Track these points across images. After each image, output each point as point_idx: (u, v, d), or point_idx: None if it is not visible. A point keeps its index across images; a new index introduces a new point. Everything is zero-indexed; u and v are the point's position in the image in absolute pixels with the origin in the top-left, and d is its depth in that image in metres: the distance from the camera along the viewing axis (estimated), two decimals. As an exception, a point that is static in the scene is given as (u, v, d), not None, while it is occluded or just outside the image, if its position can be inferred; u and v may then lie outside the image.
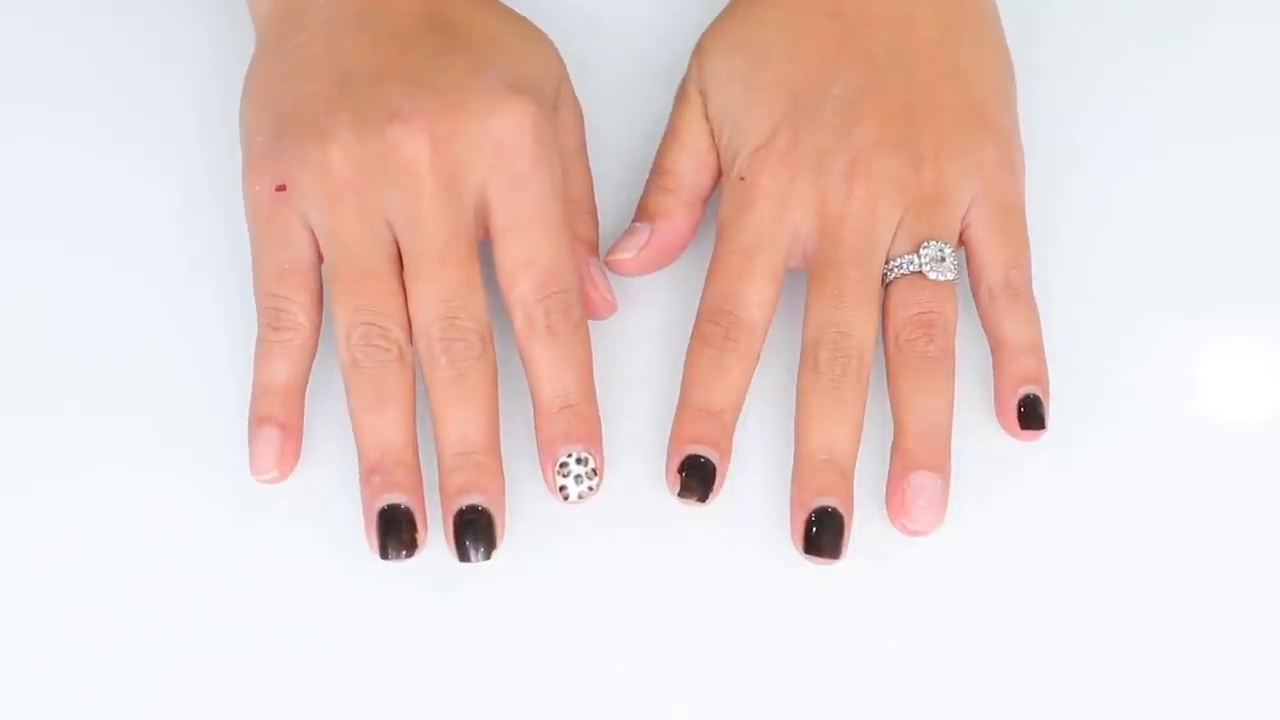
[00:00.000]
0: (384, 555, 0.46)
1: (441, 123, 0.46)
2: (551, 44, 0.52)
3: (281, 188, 0.47)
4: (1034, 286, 0.50)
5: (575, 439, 0.47)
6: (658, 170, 0.53)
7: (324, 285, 0.48)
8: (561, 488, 0.47)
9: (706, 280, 0.50)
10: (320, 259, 0.48)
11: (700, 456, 0.47)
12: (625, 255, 0.51)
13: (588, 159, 0.53)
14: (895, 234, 0.49)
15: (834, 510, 0.47)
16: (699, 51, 0.53)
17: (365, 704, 0.47)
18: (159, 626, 0.47)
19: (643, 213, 0.52)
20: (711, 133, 0.52)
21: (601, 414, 0.48)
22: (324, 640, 0.47)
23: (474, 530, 0.46)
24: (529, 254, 0.47)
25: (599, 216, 0.52)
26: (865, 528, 0.48)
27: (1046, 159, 0.53)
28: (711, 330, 0.49)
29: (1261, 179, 0.54)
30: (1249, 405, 0.51)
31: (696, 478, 0.47)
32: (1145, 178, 0.55)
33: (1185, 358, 0.52)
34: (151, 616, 0.47)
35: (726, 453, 0.48)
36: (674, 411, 0.49)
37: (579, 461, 0.47)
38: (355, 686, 0.47)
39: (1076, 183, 0.54)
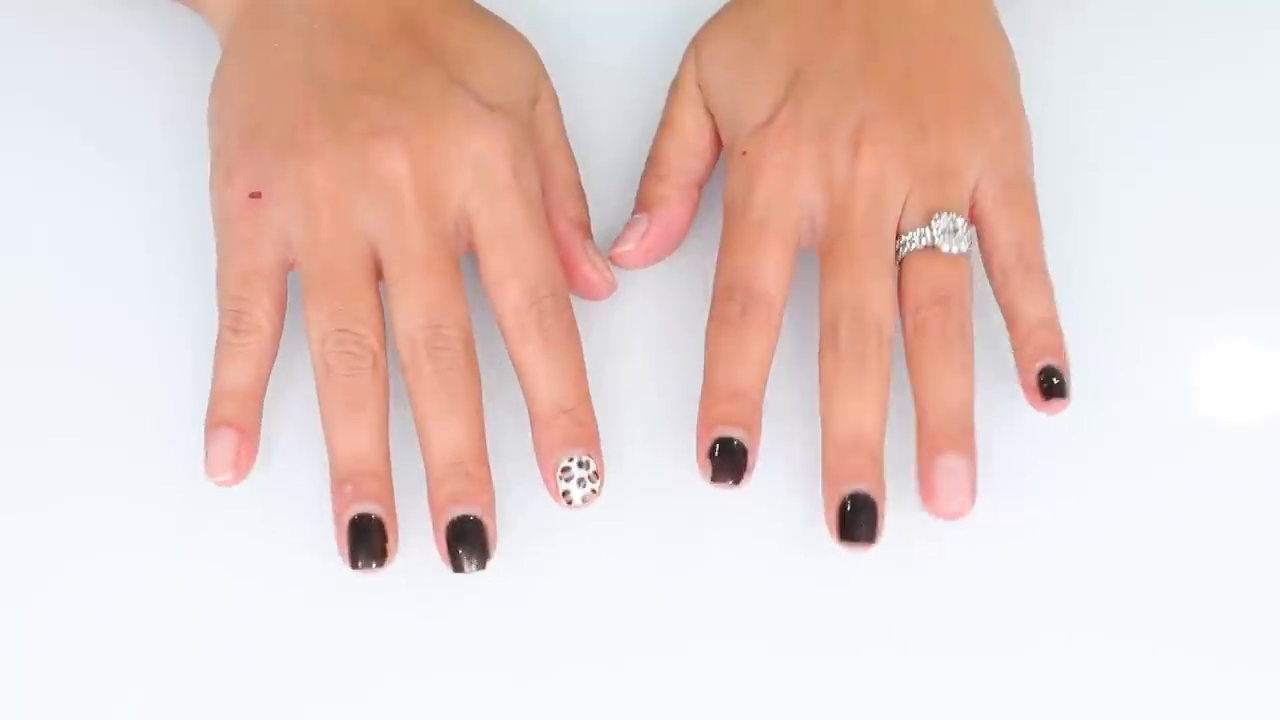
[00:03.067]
0: (354, 565, 0.46)
1: (419, 138, 0.47)
2: (526, 43, 0.52)
3: (256, 195, 0.47)
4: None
5: (575, 443, 0.47)
6: (650, 160, 0.53)
7: (302, 293, 0.47)
8: (565, 492, 0.47)
9: (719, 258, 0.49)
10: (289, 267, 0.48)
11: (730, 439, 0.47)
12: (628, 247, 0.51)
13: (569, 145, 0.53)
14: (905, 207, 0.49)
15: (866, 495, 0.46)
16: (696, 43, 0.53)
17: (364, 711, 0.47)
18: (143, 639, 0.47)
19: (640, 204, 0.52)
20: (709, 120, 0.52)
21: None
22: (315, 649, 0.47)
23: (467, 540, 0.46)
24: (515, 260, 0.47)
25: (594, 211, 0.52)
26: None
27: (1056, 161, 0.52)
28: (728, 308, 0.48)
29: (1271, 182, 0.54)
30: (1256, 407, 0.51)
31: (728, 461, 0.47)
32: (1155, 180, 0.54)
33: (1195, 360, 0.52)
34: (136, 628, 0.47)
35: (756, 432, 0.47)
36: (685, 400, 0.48)
37: (581, 465, 0.47)
38: (354, 693, 0.47)
39: (1086, 184, 0.54)
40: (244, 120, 0.48)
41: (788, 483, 0.49)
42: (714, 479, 0.47)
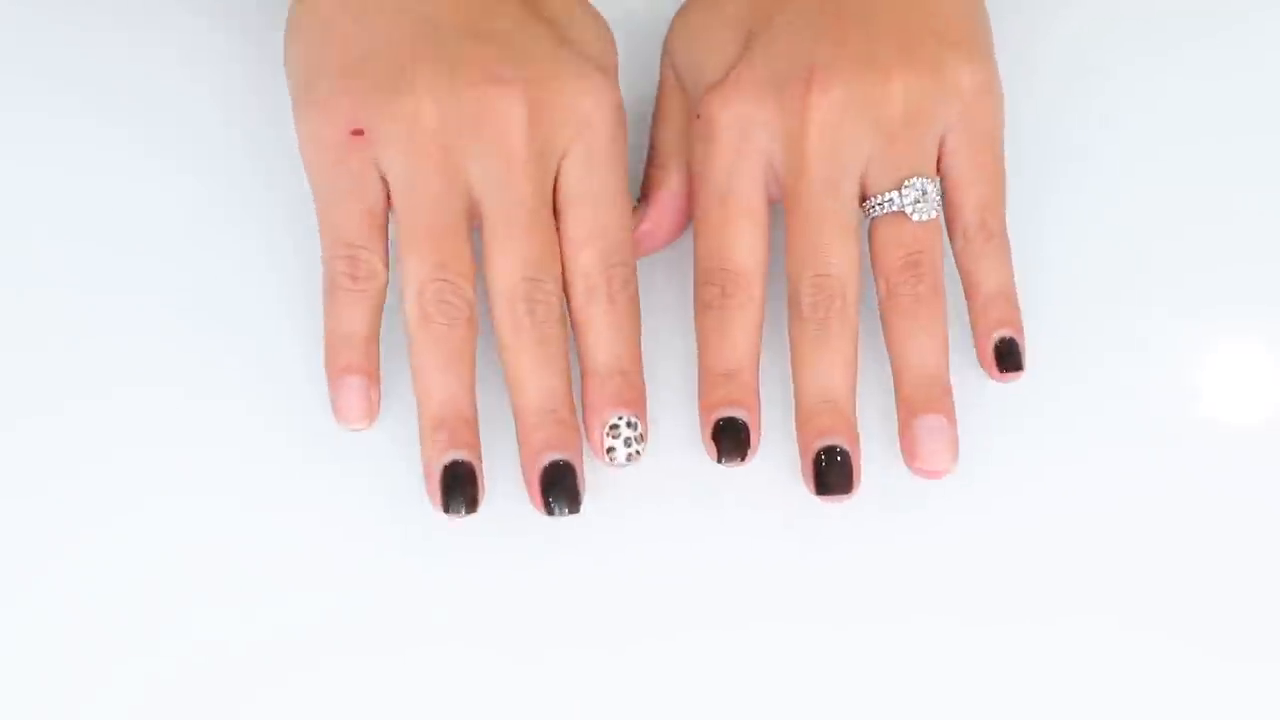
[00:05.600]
0: (446, 510, 0.46)
1: (537, 91, 0.47)
2: (606, 25, 0.52)
3: (359, 132, 0.46)
4: (1028, 282, 0.50)
5: (626, 404, 0.47)
6: (649, 150, 0.53)
7: (399, 240, 0.47)
8: (610, 449, 0.47)
9: (695, 240, 0.49)
10: (387, 210, 0.47)
11: (733, 418, 0.47)
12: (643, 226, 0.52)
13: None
14: (870, 162, 0.48)
15: (836, 447, 0.47)
16: (668, 32, 0.54)
17: (370, 691, 0.47)
18: (148, 618, 0.48)
19: (642, 193, 0.53)
20: (686, 100, 0.52)
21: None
22: (333, 623, 0.48)
23: (561, 486, 0.46)
24: (597, 227, 0.47)
25: None
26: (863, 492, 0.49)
27: (1048, 159, 0.54)
28: (708, 292, 0.49)
29: (1263, 180, 0.55)
30: (1256, 407, 0.52)
31: (731, 439, 0.47)
32: (1145, 177, 0.55)
33: (1184, 358, 0.52)
34: (144, 607, 0.48)
35: (754, 407, 0.48)
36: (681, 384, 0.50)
37: (629, 425, 0.47)
38: (365, 672, 0.48)
39: (1075, 183, 0.54)
40: (341, 56, 0.47)
41: (791, 467, 0.49)
42: (721, 458, 0.47)
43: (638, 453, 0.48)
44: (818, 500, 0.48)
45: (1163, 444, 0.50)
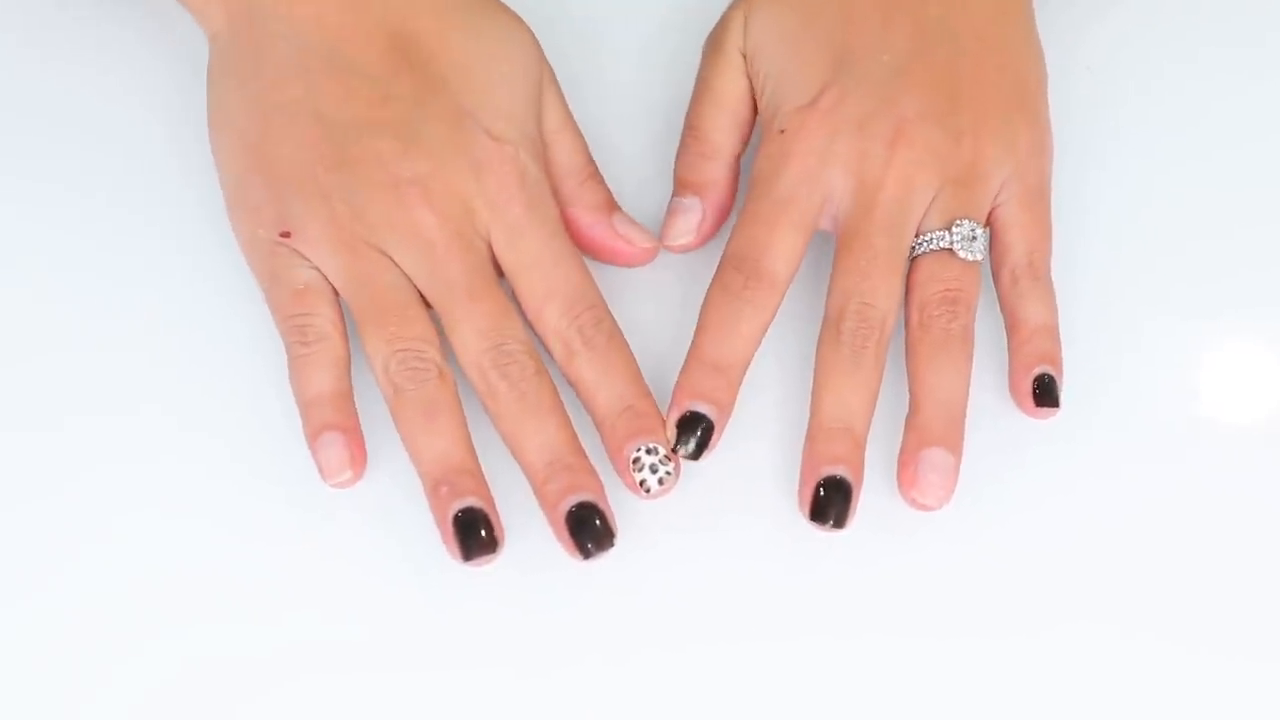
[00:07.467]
0: (467, 558, 0.46)
1: (438, 184, 0.48)
2: (522, 29, 0.52)
3: (287, 234, 0.48)
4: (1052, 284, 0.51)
5: (640, 434, 0.47)
6: (692, 132, 0.53)
7: (357, 326, 0.48)
8: (641, 482, 0.47)
9: (734, 228, 0.49)
10: (334, 290, 0.48)
11: (699, 413, 0.48)
12: (687, 239, 0.52)
13: (574, 122, 0.53)
14: (929, 209, 0.49)
15: (843, 479, 0.47)
16: (745, 10, 0.52)
17: (375, 708, 0.48)
18: (163, 627, 0.48)
19: (684, 183, 0.52)
20: (749, 90, 0.52)
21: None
22: (344, 642, 0.48)
23: (588, 527, 0.46)
24: (547, 287, 0.48)
25: (633, 174, 0.54)
26: (873, 509, 0.49)
27: (1069, 165, 0.54)
28: (733, 278, 0.48)
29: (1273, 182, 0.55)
30: (1256, 407, 0.52)
31: (694, 435, 0.48)
32: (1163, 183, 0.55)
33: (1198, 360, 0.53)
34: (158, 615, 0.48)
35: (728, 409, 0.48)
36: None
37: (649, 452, 0.47)
38: (369, 690, 0.48)
39: (1098, 185, 0.55)
40: (258, 158, 0.48)
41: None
42: (675, 445, 0.48)
43: (669, 474, 0.48)
44: (809, 526, 0.48)
45: (1162, 447, 0.51)
